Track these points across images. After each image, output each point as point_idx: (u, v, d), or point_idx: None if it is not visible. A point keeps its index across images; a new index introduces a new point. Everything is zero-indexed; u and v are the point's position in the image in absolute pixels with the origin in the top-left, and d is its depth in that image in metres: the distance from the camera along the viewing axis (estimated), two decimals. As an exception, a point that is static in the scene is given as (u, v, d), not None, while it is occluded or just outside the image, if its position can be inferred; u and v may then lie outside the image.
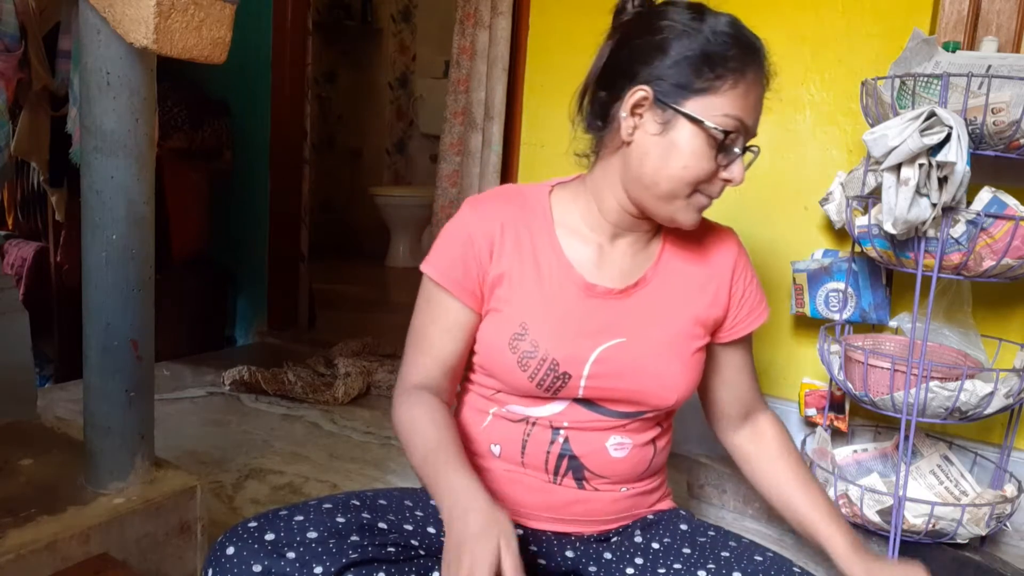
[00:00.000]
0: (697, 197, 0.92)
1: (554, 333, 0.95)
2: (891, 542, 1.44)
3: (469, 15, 2.29)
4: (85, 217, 1.14)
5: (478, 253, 0.97)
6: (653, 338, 0.97)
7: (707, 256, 1.04)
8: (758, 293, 1.09)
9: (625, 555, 0.97)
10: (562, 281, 0.97)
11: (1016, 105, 1.28)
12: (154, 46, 1.02)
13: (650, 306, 0.99)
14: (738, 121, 0.88)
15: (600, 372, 0.95)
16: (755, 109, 0.90)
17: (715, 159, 0.89)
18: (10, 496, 1.15)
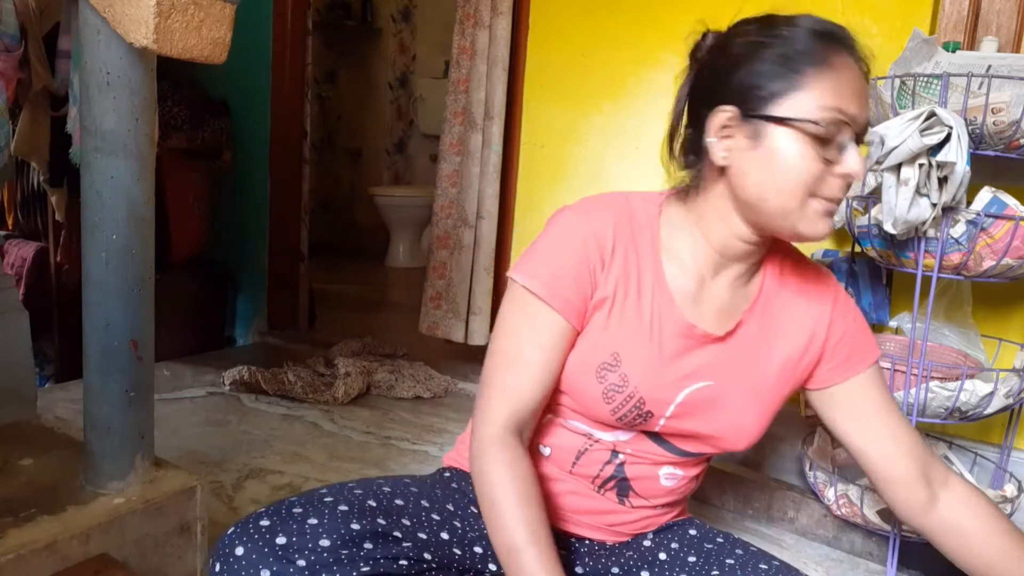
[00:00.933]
0: (815, 202, 0.83)
1: (646, 371, 0.89)
2: (891, 542, 1.44)
3: (469, 15, 2.29)
4: (85, 217, 1.14)
5: (591, 267, 0.88)
6: (740, 386, 0.93)
7: (805, 297, 0.96)
8: (859, 337, 0.97)
9: (632, 568, 0.97)
10: (662, 315, 0.90)
11: (1016, 105, 1.28)
12: (154, 46, 1.02)
13: (742, 352, 0.93)
14: (835, 111, 0.80)
15: (682, 413, 0.92)
16: (856, 95, 0.82)
17: (820, 157, 0.81)
18: (10, 496, 1.15)
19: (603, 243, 0.89)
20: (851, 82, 0.82)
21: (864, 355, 0.96)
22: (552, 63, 2.17)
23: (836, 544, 1.63)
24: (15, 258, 2.69)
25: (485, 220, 2.32)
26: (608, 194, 0.97)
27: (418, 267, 4.25)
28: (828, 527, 1.64)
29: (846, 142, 0.82)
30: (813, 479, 1.61)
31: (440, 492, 0.97)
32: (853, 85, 0.82)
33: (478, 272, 2.34)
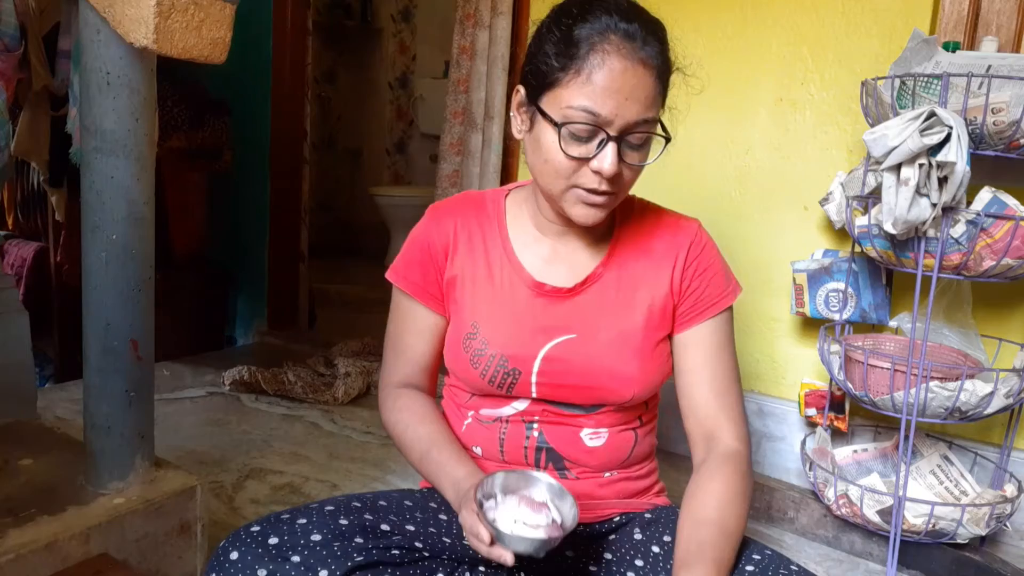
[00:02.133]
0: (575, 191, 0.88)
1: (502, 330, 0.97)
2: (891, 542, 1.44)
3: (469, 15, 2.29)
4: (85, 217, 1.14)
5: (434, 257, 1.01)
6: (604, 333, 0.96)
7: (660, 247, 1.00)
8: (712, 284, 0.99)
9: (625, 556, 0.97)
10: (512, 280, 0.99)
11: (1016, 105, 1.28)
12: (154, 46, 1.02)
13: (601, 302, 0.98)
14: (585, 112, 0.82)
15: (550, 369, 0.96)
16: (613, 94, 0.81)
17: (571, 152, 0.84)
18: (10, 496, 1.15)
19: (445, 235, 1.01)
20: (610, 81, 0.82)
21: (707, 306, 0.99)
22: (552, 63, 2.17)
23: (836, 544, 1.63)
24: (15, 258, 2.69)
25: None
26: (463, 192, 1.10)
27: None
28: (828, 527, 1.64)
29: (601, 140, 0.84)
30: (813, 479, 1.61)
31: (419, 496, 1.00)
32: (612, 84, 0.82)
33: (478, 272, 2.34)
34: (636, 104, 0.83)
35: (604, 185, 0.86)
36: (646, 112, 0.84)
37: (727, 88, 1.86)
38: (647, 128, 0.85)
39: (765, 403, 1.87)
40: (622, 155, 0.85)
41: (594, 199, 0.88)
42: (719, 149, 1.89)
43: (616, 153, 0.84)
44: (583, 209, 0.89)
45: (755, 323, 1.88)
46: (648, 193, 1.11)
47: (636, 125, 0.84)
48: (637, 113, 0.83)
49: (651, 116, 0.85)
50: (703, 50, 1.89)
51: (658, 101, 0.86)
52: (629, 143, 0.85)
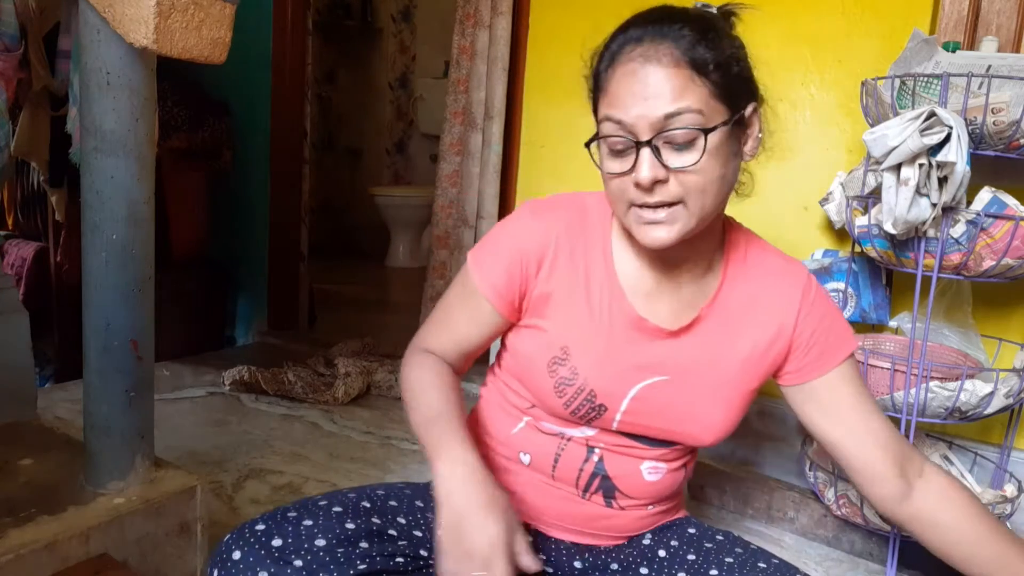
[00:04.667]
0: (633, 212, 0.83)
1: (596, 364, 0.90)
2: (891, 542, 1.44)
3: (469, 15, 2.29)
4: (85, 217, 1.14)
5: (526, 267, 0.92)
6: (699, 381, 0.92)
7: (767, 293, 0.94)
8: (832, 332, 0.94)
9: (632, 565, 0.97)
10: (612, 309, 0.91)
11: (1016, 105, 1.28)
12: (154, 46, 1.02)
13: (701, 347, 0.92)
14: (610, 122, 0.80)
15: (637, 408, 0.92)
16: (632, 98, 0.78)
17: (611, 169, 0.82)
18: (10, 496, 1.15)
19: (545, 243, 0.92)
20: (627, 86, 0.79)
21: (837, 350, 0.94)
22: (552, 63, 2.17)
23: (836, 544, 1.63)
24: (15, 258, 2.69)
25: (485, 220, 2.32)
26: (568, 194, 0.98)
27: (418, 267, 4.25)
28: (828, 527, 1.64)
29: (630, 149, 0.79)
30: (813, 479, 1.61)
31: (432, 494, 0.97)
32: (629, 88, 0.79)
33: (478, 272, 2.34)
34: (658, 100, 0.77)
35: (650, 197, 0.80)
36: (673, 104, 0.77)
37: (727, 88, 1.86)
38: (684, 123, 0.77)
39: (766, 403, 1.87)
40: (664, 160, 0.78)
41: (648, 215, 0.81)
42: (719, 149, 1.89)
43: (652, 158, 0.78)
44: (644, 229, 0.82)
45: (755, 323, 1.88)
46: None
47: (667, 121, 0.77)
48: (661, 108, 0.77)
49: (682, 107, 0.77)
50: (703, 50, 1.89)
51: (693, 91, 0.78)
52: (671, 144, 0.78)
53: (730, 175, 0.84)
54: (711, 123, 0.79)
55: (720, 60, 0.80)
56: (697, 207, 0.81)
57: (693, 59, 0.78)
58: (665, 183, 0.79)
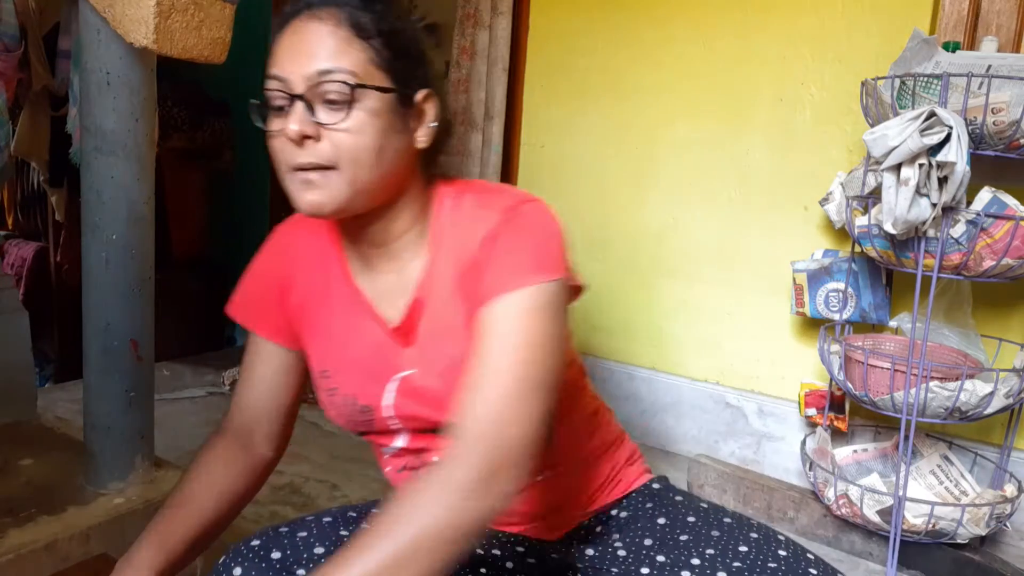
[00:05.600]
0: (291, 176, 0.78)
1: (348, 371, 0.88)
2: (891, 542, 1.44)
3: (469, 15, 2.29)
4: (85, 217, 1.14)
5: (273, 289, 0.92)
6: (437, 365, 0.85)
7: (469, 250, 0.82)
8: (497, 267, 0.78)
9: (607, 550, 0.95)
10: (353, 314, 0.88)
11: (1016, 105, 1.28)
12: (154, 46, 1.03)
13: (429, 331, 0.85)
14: (271, 78, 0.77)
15: (402, 405, 0.86)
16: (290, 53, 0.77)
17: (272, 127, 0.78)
18: (10, 496, 1.15)
19: (286, 260, 0.92)
20: (287, 45, 0.77)
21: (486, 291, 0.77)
22: (552, 63, 2.17)
23: (836, 544, 1.63)
24: (15, 258, 2.69)
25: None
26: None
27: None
28: (828, 527, 1.64)
29: (286, 104, 0.76)
30: (813, 479, 1.61)
31: None
32: (288, 47, 0.77)
33: (478, 272, 2.34)
34: (314, 57, 0.75)
35: (303, 156, 0.76)
36: (328, 62, 0.75)
37: (727, 88, 1.86)
38: (338, 80, 0.75)
39: (765, 403, 1.87)
40: (317, 115, 0.75)
41: (302, 176, 0.77)
42: (719, 149, 1.89)
43: (302, 112, 0.75)
44: (299, 193, 0.78)
45: (755, 323, 1.88)
46: (648, 192, 1.10)
47: (320, 77, 0.75)
48: (316, 64, 0.75)
49: (337, 66, 0.75)
50: (703, 50, 1.89)
51: (350, 54, 0.76)
52: (325, 102, 0.76)
53: (391, 151, 0.79)
54: (365, 85, 0.76)
55: (385, 31, 0.78)
56: (350, 174, 0.77)
57: (356, 23, 0.77)
58: (317, 141, 0.76)
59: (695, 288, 1.97)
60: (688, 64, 1.92)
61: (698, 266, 1.95)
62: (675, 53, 1.93)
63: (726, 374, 1.94)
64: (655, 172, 1.98)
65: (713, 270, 1.93)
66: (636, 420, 2.04)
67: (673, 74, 1.94)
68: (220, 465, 0.92)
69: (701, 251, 1.95)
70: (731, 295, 1.91)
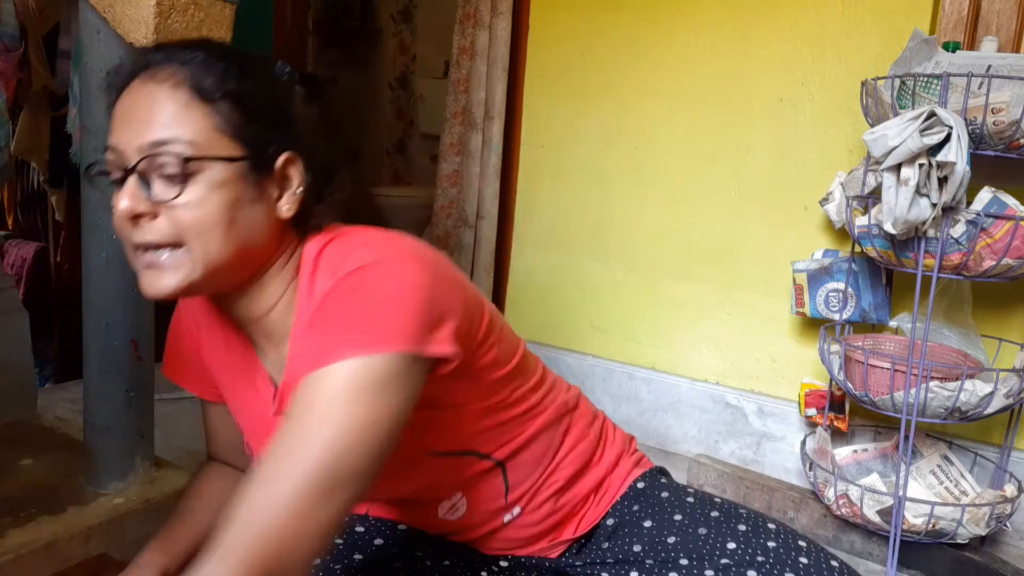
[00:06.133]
0: (137, 254, 0.71)
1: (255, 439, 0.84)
2: (891, 542, 1.44)
3: (469, 15, 2.28)
4: (85, 217, 1.14)
5: (185, 345, 0.88)
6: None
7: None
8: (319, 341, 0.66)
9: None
10: (253, 383, 0.82)
11: (1016, 105, 1.28)
12: (154, 46, 1.02)
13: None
14: (108, 148, 0.70)
15: None
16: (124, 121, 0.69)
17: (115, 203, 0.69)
18: (10, 496, 1.15)
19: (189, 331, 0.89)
20: (125, 108, 0.70)
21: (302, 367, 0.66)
22: (552, 63, 2.16)
23: (836, 544, 1.63)
24: (15, 258, 2.69)
25: (485, 220, 2.32)
26: None
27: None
28: (828, 527, 1.64)
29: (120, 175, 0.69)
30: (813, 479, 1.61)
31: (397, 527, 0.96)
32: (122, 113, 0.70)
33: (478, 272, 2.34)
34: (149, 124, 0.68)
35: (139, 235, 0.68)
36: (163, 130, 0.67)
37: (727, 88, 1.86)
38: (172, 152, 0.67)
39: (765, 403, 1.87)
40: (152, 191, 0.68)
41: (147, 259, 0.69)
42: (719, 149, 1.89)
43: (134, 188, 0.67)
44: (144, 275, 0.70)
45: (755, 323, 1.88)
46: (648, 192, 1.09)
47: (154, 148, 0.67)
48: (151, 134, 0.67)
49: (172, 136, 0.67)
50: (703, 50, 1.89)
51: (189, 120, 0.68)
52: (162, 176, 0.68)
53: (245, 224, 0.70)
54: (204, 155, 0.68)
55: (233, 91, 0.70)
56: (200, 251, 0.68)
57: (197, 85, 0.69)
58: (154, 219, 0.68)
59: (695, 288, 1.97)
60: (688, 64, 1.92)
61: (698, 266, 1.95)
62: (675, 53, 1.93)
63: (726, 374, 1.94)
64: (655, 172, 1.98)
65: (713, 270, 1.93)
66: (636, 420, 2.04)
67: (673, 74, 1.94)
68: (216, 482, 0.93)
69: (701, 251, 1.95)
70: (731, 295, 1.91)
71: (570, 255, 2.16)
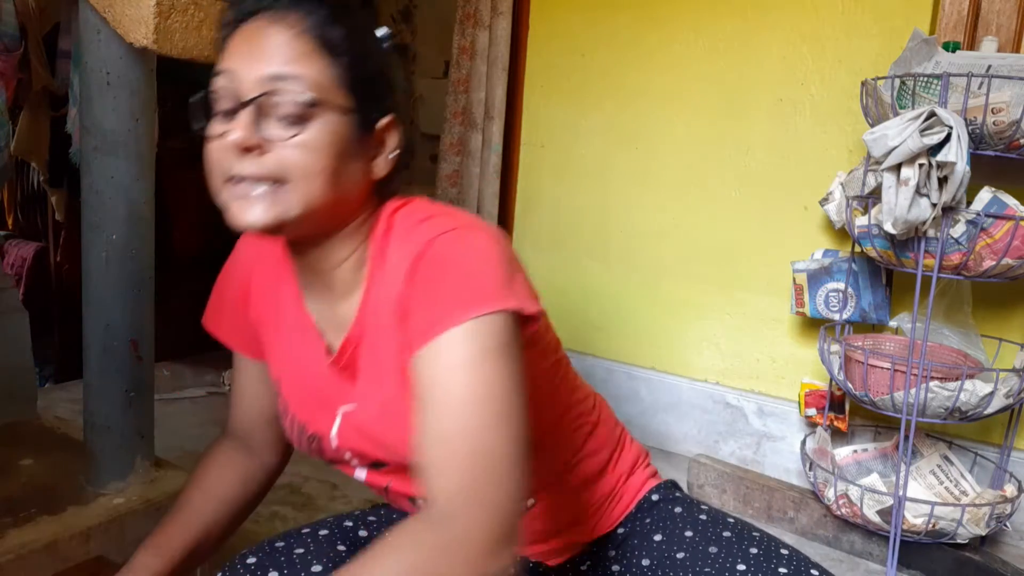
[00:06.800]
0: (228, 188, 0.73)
1: (296, 395, 0.85)
2: (891, 542, 1.44)
3: (469, 15, 2.28)
4: (85, 217, 1.14)
5: (237, 304, 0.89)
6: (375, 400, 0.80)
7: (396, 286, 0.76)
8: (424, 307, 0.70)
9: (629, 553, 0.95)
10: (301, 336, 0.84)
11: (1016, 105, 1.28)
12: (154, 46, 1.03)
13: (366, 364, 0.80)
14: (220, 74, 0.71)
15: (347, 438, 0.82)
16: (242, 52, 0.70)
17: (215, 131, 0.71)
18: (10, 496, 1.15)
19: (244, 275, 0.90)
20: (245, 41, 0.71)
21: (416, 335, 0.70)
22: (552, 63, 2.17)
23: (836, 544, 1.63)
24: (15, 258, 2.69)
25: (485, 220, 2.32)
26: None
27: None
28: (828, 527, 1.64)
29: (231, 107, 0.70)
30: (813, 479, 1.61)
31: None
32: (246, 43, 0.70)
33: (478, 272, 2.34)
34: (272, 60, 0.69)
35: (244, 166, 0.69)
36: (285, 67, 0.69)
37: (727, 88, 1.86)
38: (292, 89, 0.69)
39: (765, 403, 1.87)
40: (262, 127, 0.69)
41: (242, 190, 0.71)
42: (719, 149, 1.89)
43: (250, 120, 0.68)
44: (236, 205, 0.73)
45: (755, 323, 1.88)
46: (648, 192, 1.09)
47: (275, 83, 0.68)
48: (272, 67, 0.69)
49: (294, 73, 0.69)
50: (703, 51, 1.89)
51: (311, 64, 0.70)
52: (276, 112, 0.69)
53: (346, 176, 0.73)
54: (325, 101, 0.70)
55: (354, 50, 0.72)
56: (302, 193, 0.70)
57: (323, 36, 0.71)
58: (262, 153, 0.69)
59: (695, 288, 1.97)
60: (688, 64, 1.92)
61: (698, 266, 1.95)
62: (675, 53, 1.93)
63: (726, 374, 1.94)
64: (655, 172, 1.98)
65: (713, 270, 1.93)
66: (636, 420, 2.04)
67: (673, 74, 1.95)
68: (220, 471, 0.92)
69: (701, 251, 1.95)
70: (731, 295, 1.91)
71: (570, 255, 2.16)
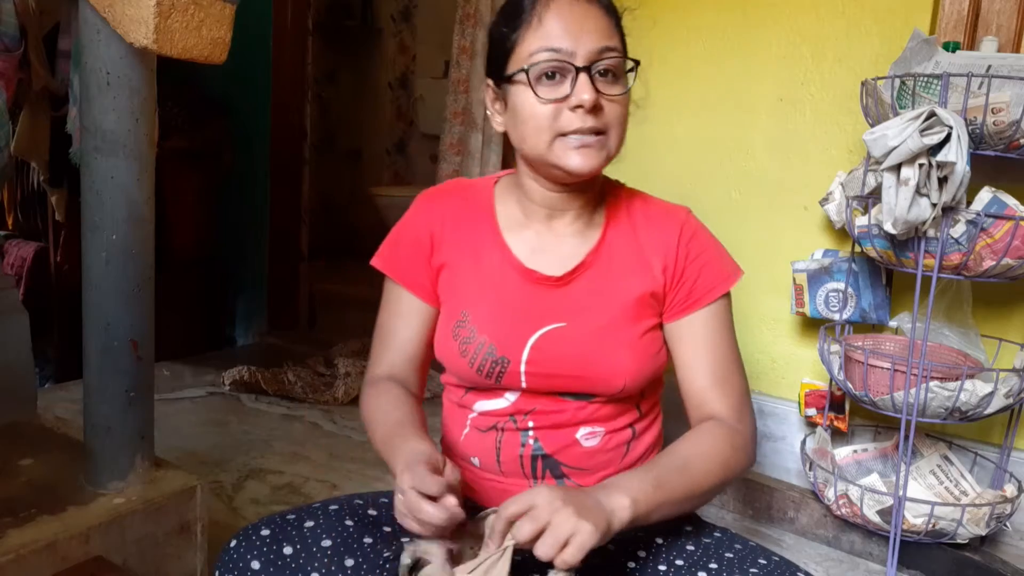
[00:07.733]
0: (561, 141, 0.89)
1: (491, 317, 0.96)
2: (891, 542, 1.44)
3: (469, 15, 2.29)
4: (85, 217, 1.14)
5: (421, 244, 1.01)
6: (593, 322, 0.95)
7: (649, 236, 0.99)
8: (706, 271, 0.98)
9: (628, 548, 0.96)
10: (501, 267, 0.98)
11: (1016, 105, 1.28)
12: (154, 46, 1.02)
13: (591, 291, 0.96)
14: (546, 51, 0.86)
15: (538, 358, 0.94)
16: (565, 30, 0.86)
17: (548, 99, 0.87)
18: (10, 496, 1.15)
19: (432, 221, 1.02)
20: (559, 19, 0.86)
21: (705, 291, 0.97)
22: (552, 63, 2.17)
23: (836, 544, 1.63)
24: (15, 258, 2.69)
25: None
26: (453, 180, 1.10)
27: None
28: (828, 527, 1.64)
29: (572, 75, 0.86)
30: (813, 479, 1.61)
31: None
32: (562, 22, 0.86)
33: (478, 272, 2.34)
34: (593, 34, 0.86)
35: (589, 121, 0.87)
36: (606, 40, 0.87)
37: (727, 88, 1.86)
38: (612, 56, 0.87)
39: (765, 403, 1.87)
40: (597, 87, 0.86)
41: (584, 140, 0.88)
42: (719, 149, 1.89)
43: (591, 82, 0.86)
44: (574, 154, 0.89)
45: (755, 323, 1.88)
46: (647, 192, 1.10)
47: (600, 53, 0.86)
48: (596, 41, 0.86)
49: (612, 44, 0.87)
50: (703, 50, 1.89)
51: (615, 32, 0.89)
52: (601, 72, 0.87)
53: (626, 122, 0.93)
54: (628, 64, 0.90)
55: (618, 12, 0.92)
56: (615, 139, 0.91)
57: (614, 11, 0.91)
58: (601, 110, 0.87)
59: (695, 288, 1.96)
60: (688, 64, 1.92)
61: (698, 266, 1.95)
62: (674, 52, 1.93)
63: (726, 374, 1.94)
64: (655, 172, 1.98)
65: (713, 270, 1.93)
66: (636, 420, 2.03)
67: (672, 73, 1.94)
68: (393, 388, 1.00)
69: (701, 251, 1.94)
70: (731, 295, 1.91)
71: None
